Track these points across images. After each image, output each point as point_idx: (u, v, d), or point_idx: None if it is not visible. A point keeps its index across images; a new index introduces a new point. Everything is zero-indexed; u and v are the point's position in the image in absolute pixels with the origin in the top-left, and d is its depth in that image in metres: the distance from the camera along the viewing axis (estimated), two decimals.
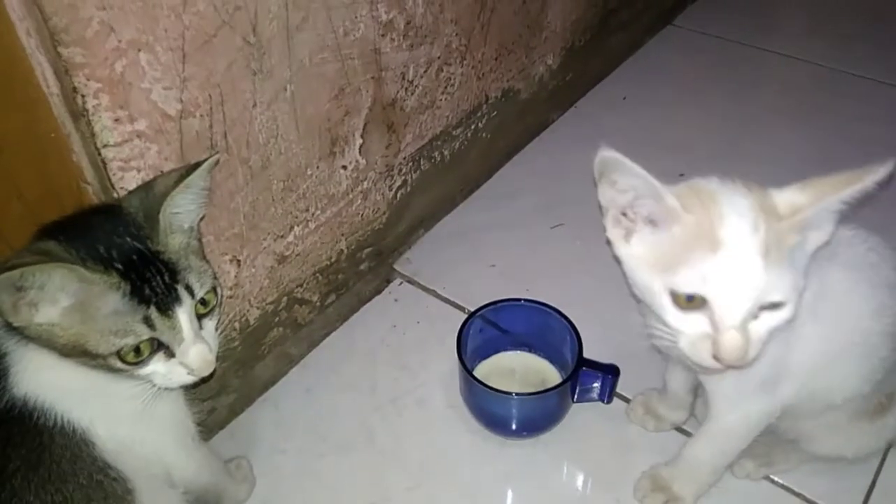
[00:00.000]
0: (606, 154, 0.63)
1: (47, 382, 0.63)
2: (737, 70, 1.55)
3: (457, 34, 1.07)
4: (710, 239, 0.61)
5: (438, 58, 1.06)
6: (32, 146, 0.68)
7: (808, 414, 0.79)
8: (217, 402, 0.96)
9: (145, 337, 0.61)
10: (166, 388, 0.66)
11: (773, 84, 1.56)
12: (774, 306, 0.62)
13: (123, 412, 0.68)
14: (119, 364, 0.61)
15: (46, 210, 0.71)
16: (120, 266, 0.60)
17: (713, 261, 0.61)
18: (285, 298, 0.99)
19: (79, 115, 0.68)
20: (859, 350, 0.74)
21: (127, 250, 0.61)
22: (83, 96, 0.66)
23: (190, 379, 0.65)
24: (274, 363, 1.01)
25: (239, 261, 0.89)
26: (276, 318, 0.99)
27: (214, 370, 0.67)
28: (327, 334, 1.07)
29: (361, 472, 0.91)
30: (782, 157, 1.30)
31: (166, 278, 0.62)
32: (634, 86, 1.50)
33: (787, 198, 0.65)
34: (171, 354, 0.63)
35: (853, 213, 0.79)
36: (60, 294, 0.58)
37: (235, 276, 0.89)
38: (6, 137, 0.66)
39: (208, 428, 0.94)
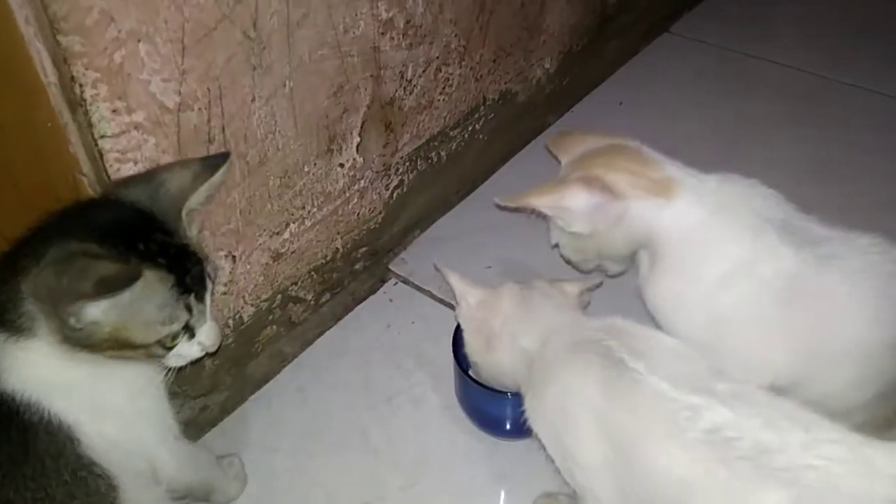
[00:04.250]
0: None
1: (34, 378, 0.63)
2: (732, 77, 1.56)
3: (456, 35, 1.07)
4: None
5: (437, 58, 1.06)
6: (29, 135, 0.68)
7: None
8: (209, 399, 0.95)
9: (185, 322, 0.65)
10: (175, 367, 0.69)
11: (767, 92, 1.57)
12: None
13: (109, 407, 0.67)
14: (160, 350, 0.65)
15: (41, 200, 0.70)
16: (163, 260, 0.63)
17: None
18: (280, 296, 0.99)
19: (76, 104, 0.67)
20: (854, 358, 0.74)
21: (163, 245, 0.64)
22: (81, 86, 0.66)
23: (200, 355, 0.69)
24: (267, 361, 1.01)
25: (234, 257, 0.88)
26: (271, 316, 0.99)
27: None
28: (321, 333, 1.06)
29: (355, 472, 0.91)
30: (775, 164, 1.31)
31: (199, 268, 0.66)
32: (631, 91, 1.51)
33: None
34: (192, 335, 0.67)
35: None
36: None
37: (230, 273, 0.89)
38: (2, 126, 0.66)
39: (200, 426, 0.94)
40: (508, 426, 0.91)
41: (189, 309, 0.65)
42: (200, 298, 0.67)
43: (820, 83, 1.54)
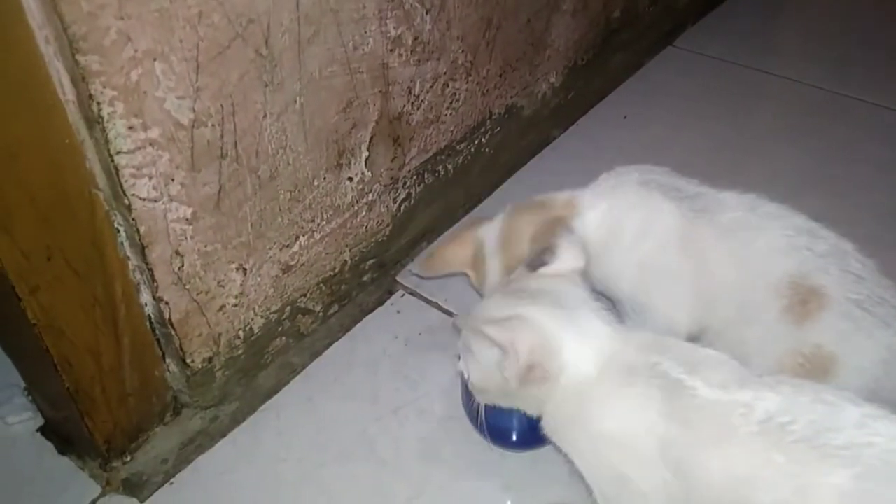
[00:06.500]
0: None
1: None
2: (735, 91, 1.57)
3: (463, 51, 1.09)
4: None
5: (444, 73, 1.07)
6: (46, 152, 0.69)
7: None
8: (219, 410, 0.97)
9: None
10: None
11: (771, 105, 1.59)
12: None
13: None
14: None
15: (58, 215, 0.72)
16: None
17: None
18: (289, 308, 1.00)
19: (94, 122, 0.69)
20: (730, 299, 0.86)
21: None
22: (99, 103, 0.68)
23: None
24: (276, 372, 1.02)
25: (245, 269, 0.90)
26: (280, 328, 1.00)
27: None
28: (329, 344, 1.07)
29: (362, 482, 0.92)
30: (779, 177, 1.32)
31: None
32: (635, 105, 1.52)
33: None
34: None
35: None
36: None
37: (241, 285, 0.90)
38: (21, 142, 0.67)
39: (210, 436, 0.95)
40: (515, 437, 0.92)
41: None
42: None
43: (822, 96, 1.56)
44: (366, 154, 1.00)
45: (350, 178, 1.00)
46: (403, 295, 1.15)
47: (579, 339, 0.71)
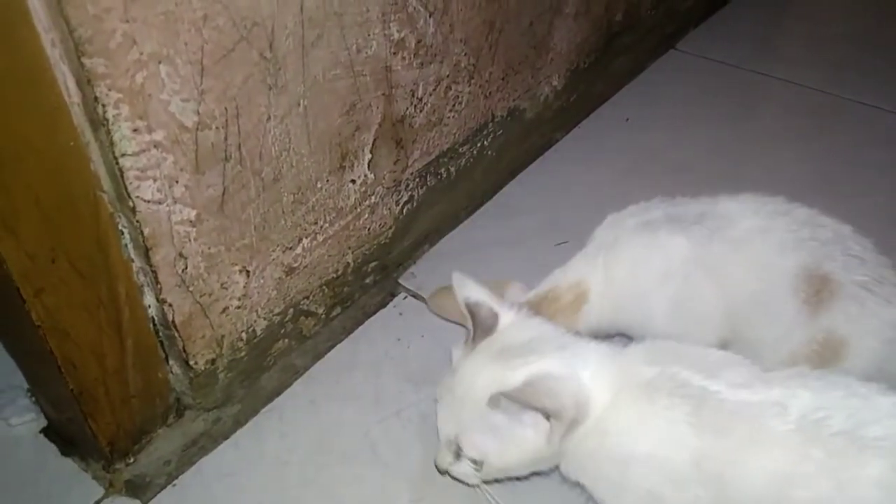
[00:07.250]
0: None
1: None
2: (737, 94, 1.58)
3: (465, 54, 1.09)
4: None
5: (447, 76, 1.08)
6: (52, 154, 0.70)
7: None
8: (222, 412, 0.97)
9: None
10: None
11: (772, 108, 1.59)
12: None
13: None
14: None
15: (62, 217, 0.72)
16: None
17: None
18: (292, 310, 1.00)
19: (99, 124, 0.69)
20: (756, 304, 0.88)
21: None
22: (104, 106, 0.68)
23: None
24: (279, 374, 1.02)
25: (248, 271, 0.90)
26: (283, 330, 1.00)
27: None
28: (332, 346, 1.07)
29: (364, 484, 0.92)
30: (780, 180, 1.32)
31: None
32: (637, 108, 1.52)
33: None
34: None
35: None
36: None
37: (244, 287, 0.90)
38: (27, 144, 0.67)
39: (213, 437, 0.95)
40: None
41: None
42: None
43: (824, 100, 1.56)
44: (368, 156, 1.00)
45: (353, 181, 1.00)
46: (405, 297, 1.15)
47: (593, 373, 0.70)
